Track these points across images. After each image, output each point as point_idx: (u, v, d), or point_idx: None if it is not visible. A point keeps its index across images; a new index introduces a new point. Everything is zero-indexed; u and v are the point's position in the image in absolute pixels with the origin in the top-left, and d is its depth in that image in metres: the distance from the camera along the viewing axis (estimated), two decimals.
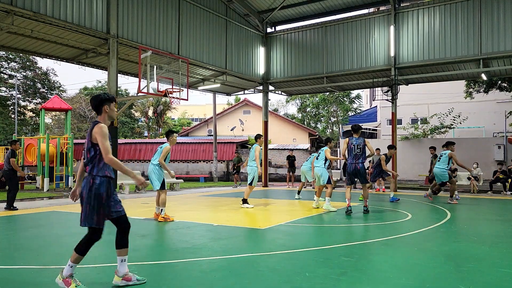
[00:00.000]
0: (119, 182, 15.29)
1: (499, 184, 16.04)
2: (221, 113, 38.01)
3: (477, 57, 16.18)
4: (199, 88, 20.89)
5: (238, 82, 20.76)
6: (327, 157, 10.04)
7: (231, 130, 35.36)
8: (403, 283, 3.93)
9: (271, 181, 24.67)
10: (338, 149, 25.92)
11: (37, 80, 34.17)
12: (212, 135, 27.10)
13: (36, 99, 34.38)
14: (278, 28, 21.44)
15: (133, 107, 43.93)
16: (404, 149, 23.45)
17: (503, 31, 15.60)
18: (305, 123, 43.43)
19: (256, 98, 72.79)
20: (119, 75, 15.50)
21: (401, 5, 18.11)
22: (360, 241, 6.05)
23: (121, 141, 28.83)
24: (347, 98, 39.59)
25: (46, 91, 34.57)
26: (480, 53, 16.05)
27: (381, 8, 21.01)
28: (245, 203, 10.36)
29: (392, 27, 17.76)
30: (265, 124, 21.52)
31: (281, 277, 4.12)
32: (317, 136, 35.79)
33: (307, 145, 28.73)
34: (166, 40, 15.59)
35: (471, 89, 24.19)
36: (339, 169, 23.18)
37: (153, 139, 35.20)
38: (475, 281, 4.01)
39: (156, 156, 8.29)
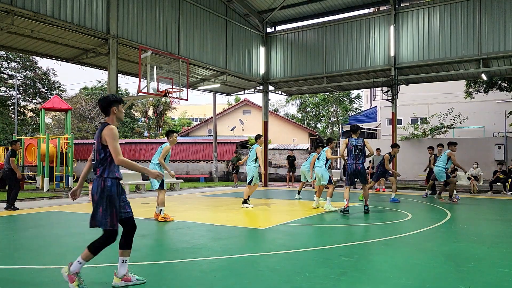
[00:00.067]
0: None
1: (499, 184, 16.05)
2: (221, 113, 38.01)
3: (477, 57, 16.19)
4: (199, 88, 20.89)
5: (238, 82, 20.76)
6: (327, 157, 10.05)
7: (231, 130, 35.36)
8: (403, 283, 3.93)
9: (271, 181, 24.67)
10: (338, 149, 25.91)
11: (37, 80, 34.17)
12: (212, 135, 27.10)
13: (36, 99, 34.38)
14: (278, 28, 21.45)
15: (133, 107, 43.92)
16: (404, 149, 23.42)
17: (503, 31, 15.61)
18: (305, 123, 43.45)
19: (256, 98, 72.89)
20: (119, 75, 15.50)
21: (401, 5, 18.13)
22: (360, 241, 6.04)
23: (121, 141, 28.83)
24: (347, 98, 39.60)
25: (46, 91, 34.57)
26: (480, 53, 16.06)
27: (381, 8, 21.02)
28: (245, 203, 10.37)
29: (392, 27, 17.77)
30: (265, 124, 21.52)
31: (281, 277, 4.12)
32: (317, 136, 35.79)
33: (307, 145, 28.73)
34: (166, 40, 15.59)
35: (471, 89, 24.20)
36: (339, 169, 23.18)
37: (153, 139, 35.19)
38: (475, 281, 4.01)
39: (156, 156, 8.29)
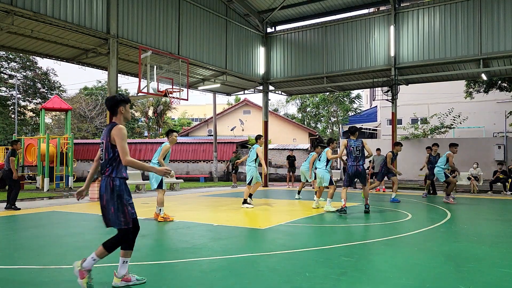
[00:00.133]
0: None
1: (499, 184, 16.05)
2: (221, 113, 38.01)
3: (477, 57, 16.19)
4: (199, 88, 20.89)
5: (238, 82, 20.76)
6: (328, 158, 10.06)
7: (231, 130, 35.36)
8: (403, 283, 3.93)
9: (271, 181, 24.67)
10: (339, 149, 25.92)
11: (37, 80, 34.15)
12: (212, 135, 27.10)
13: (36, 99, 34.36)
14: (278, 28, 21.45)
15: (133, 107, 43.87)
16: (404, 149, 23.25)
17: (503, 31, 15.60)
18: (305, 123, 43.44)
19: (256, 98, 72.89)
20: (119, 75, 15.50)
21: (401, 5, 18.12)
22: (360, 241, 6.04)
23: None
24: (347, 98, 39.59)
25: (46, 91, 34.55)
26: (480, 53, 16.06)
27: (381, 8, 21.02)
28: (245, 203, 10.37)
29: (392, 27, 17.77)
30: (265, 124, 21.52)
31: (281, 277, 4.12)
32: (317, 136, 35.79)
33: (307, 145, 28.73)
34: (166, 40, 15.59)
35: (471, 89, 24.19)
36: (339, 169, 23.18)
37: (153, 139, 35.19)
38: (475, 281, 4.01)
39: (156, 155, 8.28)
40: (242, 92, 23.11)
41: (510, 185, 15.43)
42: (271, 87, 22.07)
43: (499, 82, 22.53)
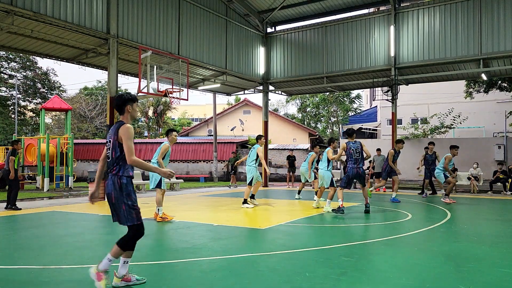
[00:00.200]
0: None
1: (499, 184, 16.05)
2: (221, 113, 38.01)
3: (477, 57, 16.19)
4: (199, 88, 20.89)
5: (238, 82, 20.76)
6: (329, 158, 10.06)
7: (231, 130, 35.36)
8: (403, 283, 3.93)
9: (271, 181, 24.67)
10: (339, 149, 25.92)
11: (37, 80, 34.14)
12: (212, 135, 27.10)
13: (36, 99, 34.35)
14: (278, 28, 21.45)
15: None
16: (404, 149, 23.17)
17: (503, 31, 15.60)
18: (305, 123, 43.43)
19: (256, 98, 72.89)
20: (119, 75, 15.49)
21: (401, 5, 18.12)
22: (360, 241, 6.04)
23: None
24: (347, 98, 39.59)
25: (46, 91, 34.54)
26: (480, 53, 16.06)
27: (381, 8, 21.02)
28: (245, 203, 10.38)
29: (392, 27, 17.77)
30: (265, 124, 21.52)
31: (281, 277, 4.12)
32: (317, 136, 35.78)
33: (307, 145, 28.72)
34: (166, 40, 15.59)
35: (471, 89, 24.19)
36: (338, 169, 23.17)
37: (153, 139, 35.19)
38: (475, 281, 4.01)
39: (156, 155, 8.28)
40: (242, 92, 23.11)
41: (510, 185, 15.43)
42: (271, 87, 22.06)
43: (499, 82, 22.52)
